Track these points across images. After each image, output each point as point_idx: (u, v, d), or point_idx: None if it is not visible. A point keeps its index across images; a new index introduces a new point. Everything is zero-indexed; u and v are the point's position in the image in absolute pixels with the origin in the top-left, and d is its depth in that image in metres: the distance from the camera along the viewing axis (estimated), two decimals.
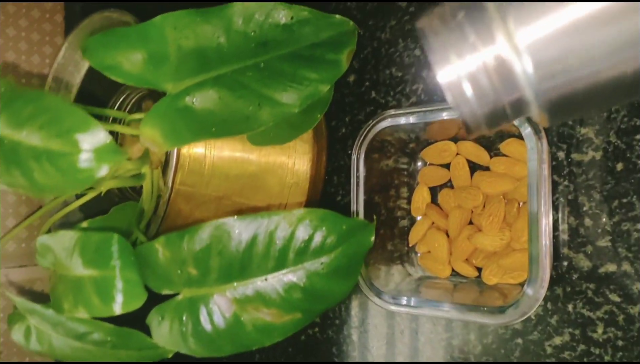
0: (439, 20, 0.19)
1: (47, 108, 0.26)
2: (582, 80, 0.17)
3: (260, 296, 0.32)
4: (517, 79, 0.18)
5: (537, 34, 0.17)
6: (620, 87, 0.17)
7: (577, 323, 0.34)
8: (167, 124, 0.28)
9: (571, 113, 0.19)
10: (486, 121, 0.19)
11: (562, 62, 0.17)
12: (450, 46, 0.18)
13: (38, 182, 0.26)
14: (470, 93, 0.18)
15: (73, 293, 0.33)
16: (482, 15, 0.18)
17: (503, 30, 0.17)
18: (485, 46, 0.18)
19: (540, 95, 0.18)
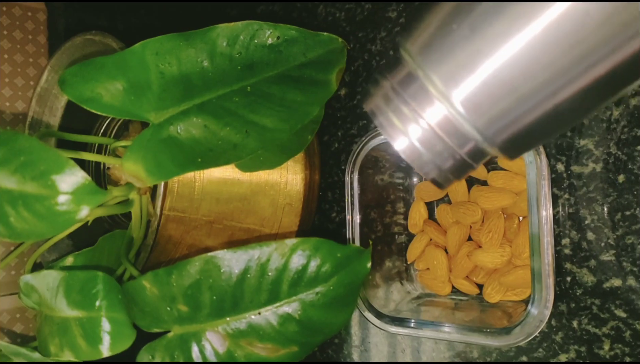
0: (382, 100, 0.20)
1: (22, 149, 0.25)
2: (525, 115, 0.18)
3: (254, 330, 0.31)
4: (463, 132, 0.19)
5: (466, 87, 0.18)
6: (565, 110, 0.18)
7: (583, 340, 0.33)
8: (150, 157, 0.27)
9: (531, 144, 0.20)
10: (452, 174, 0.20)
11: (499, 104, 0.18)
12: (397, 119, 0.20)
13: (15, 227, 0.25)
14: (427, 156, 0.20)
15: (59, 335, 0.32)
16: (416, 84, 0.19)
17: (437, 93, 0.18)
18: (426, 111, 0.19)
19: (492, 139, 0.18)
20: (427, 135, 0.19)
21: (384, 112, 0.20)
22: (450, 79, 0.18)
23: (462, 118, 0.18)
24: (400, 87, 0.20)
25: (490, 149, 0.19)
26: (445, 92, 0.18)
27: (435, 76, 0.18)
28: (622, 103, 0.31)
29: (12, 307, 0.47)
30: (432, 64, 0.18)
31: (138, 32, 0.52)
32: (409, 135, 0.20)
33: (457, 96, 0.18)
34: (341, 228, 0.42)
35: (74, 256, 0.35)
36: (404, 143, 0.20)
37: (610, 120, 0.32)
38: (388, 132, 0.20)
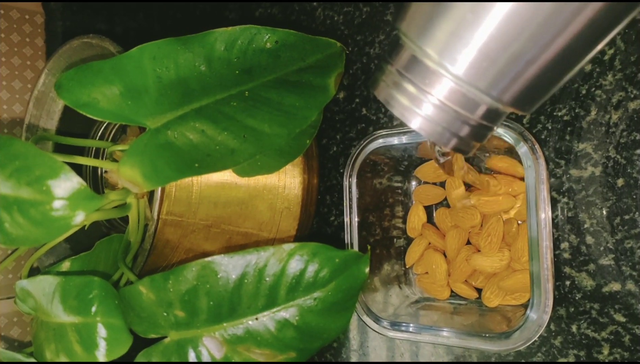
0: (393, 86, 0.21)
1: (17, 154, 0.25)
2: (523, 70, 0.18)
3: (251, 336, 0.30)
4: (471, 97, 0.20)
5: (461, 54, 0.18)
6: (556, 60, 0.18)
7: (582, 344, 0.33)
8: (147, 163, 0.27)
9: (537, 95, 0.20)
10: (473, 138, 0.21)
11: (495, 64, 0.18)
12: (409, 102, 0.21)
13: (10, 233, 0.25)
14: (444, 128, 0.21)
15: (55, 341, 0.32)
16: (418, 64, 0.20)
17: (436, 66, 0.19)
18: (433, 87, 0.20)
19: (499, 97, 0.19)
20: (439, 109, 0.20)
21: (396, 98, 0.21)
22: (445, 49, 0.19)
23: (465, 84, 0.19)
24: (405, 70, 0.21)
25: (502, 107, 0.20)
26: (442, 63, 0.19)
27: (430, 49, 0.19)
28: (621, 107, 0.31)
29: (9, 311, 0.46)
30: (425, 39, 0.19)
31: (136, 36, 0.52)
32: (422, 114, 0.20)
33: (454, 64, 0.19)
34: (340, 231, 0.42)
35: (70, 260, 0.35)
36: (419, 122, 0.21)
37: (609, 124, 0.32)
38: (403, 115, 0.21)
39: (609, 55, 0.31)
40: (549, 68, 0.19)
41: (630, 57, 0.31)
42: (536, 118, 0.34)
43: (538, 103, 0.21)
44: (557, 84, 0.20)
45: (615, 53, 0.31)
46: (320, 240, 0.34)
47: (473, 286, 0.37)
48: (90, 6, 0.54)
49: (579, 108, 0.32)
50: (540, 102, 0.21)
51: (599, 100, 0.32)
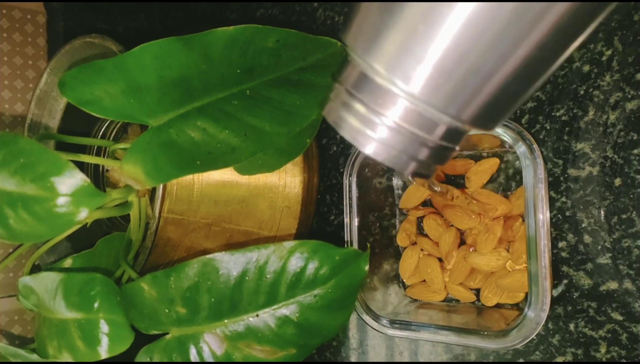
0: (342, 107, 0.19)
1: (21, 151, 0.25)
2: (480, 85, 0.17)
3: (252, 332, 0.31)
4: (427, 117, 0.18)
5: (410, 69, 0.17)
6: (515, 75, 0.17)
7: (580, 343, 0.33)
8: (149, 160, 0.27)
9: (498, 113, 0.19)
10: (433, 161, 0.20)
11: (449, 79, 0.17)
12: (360, 124, 0.19)
13: (14, 229, 0.25)
14: (401, 152, 0.19)
15: (57, 337, 0.32)
16: (367, 82, 0.19)
17: (385, 82, 0.18)
18: (385, 107, 0.18)
19: (457, 115, 0.18)
20: (394, 132, 0.19)
21: (346, 120, 0.19)
22: (395, 65, 0.17)
23: (420, 102, 0.18)
24: (355, 88, 0.19)
25: (462, 126, 0.19)
26: (394, 80, 0.17)
27: (379, 66, 0.18)
28: (619, 107, 0.31)
29: (10, 309, 0.47)
30: (373, 54, 0.18)
31: (138, 35, 0.52)
32: (375, 137, 0.19)
33: (407, 81, 0.17)
34: (340, 231, 0.42)
35: (72, 258, 0.35)
36: (373, 147, 0.19)
37: (607, 124, 0.32)
38: (355, 138, 0.19)
39: (606, 56, 0.32)
40: (511, 81, 0.17)
41: (628, 58, 0.31)
42: (535, 118, 0.34)
43: (502, 120, 0.19)
44: (520, 99, 0.19)
45: (613, 54, 0.32)
46: (321, 239, 0.34)
47: (470, 288, 0.37)
48: (92, 6, 0.54)
49: (577, 108, 0.33)
50: (504, 118, 0.19)
51: (596, 101, 0.32)
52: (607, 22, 0.32)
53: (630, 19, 0.31)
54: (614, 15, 0.31)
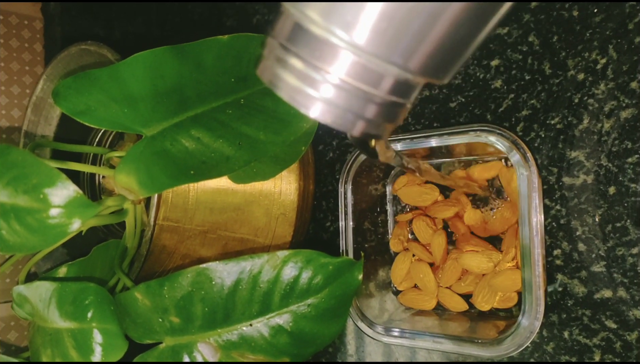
0: (277, 64, 0.17)
1: (14, 163, 0.25)
2: (432, 28, 0.15)
3: (245, 342, 0.31)
4: (372, 68, 0.17)
5: (347, 12, 0.15)
6: (458, 16, 0.15)
7: (574, 351, 0.33)
8: (143, 170, 0.27)
9: (449, 60, 0.17)
10: (383, 118, 0.18)
11: (390, 24, 0.15)
12: (299, 82, 0.17)
13: (7, 240, 0.25)
14: (351, 113, 0.17)
15: (51, 346, 0.32)
16: (302, 33, 0.17)
17: (322, 31, 0.16)
18: (324, 60, 0.17)
19: (408, 66, 0.16)
20: (336, 88, 0.17)
21: (281, 78, 0.17)
22: (332, 11, 0.15)
23: (362, 52, 0.16)
24: (290, 42, 0.17)
25: (412, 77, 0.17)
26: (331, 28, 0.15)
27: (313, 13, 0.16)
28: (613, 116, 0.31)
29: (6, 315, 0.47)
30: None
31: (134, 40, 0.53)
32: (316, 95, 0.17)
33: (345, 28, 0.15)
34: (336, 237, 0.42)
35: (67, 266, 0.35)
36: (315, 108, 0.17)
37: (601, 133, 0.32)
38: (293, 98, 0.17)
39: (601, 65, 0.32)
40: (457, 24, 0.15)
41: (623, 66, 0.31)
42: (529, 126, 0.34)
43: (453, 69, 0.17)
44: (469, 45, 0.17)
45: (608, 62, 0.32)
46: (316, 246, 0.34)
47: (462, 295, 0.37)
48: (89, 12, 0.54)
49: (571, 116, 0.33)
50: (455, 67, 0.17)
51: (591, 109, 0.32)
52: (601, 31, 0.32)
53: (625, 27, 0.31)
54: (608, 24, 0.32)
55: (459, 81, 0.37)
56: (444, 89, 0.37)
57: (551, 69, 0.33)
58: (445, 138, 0.34)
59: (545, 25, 0.33)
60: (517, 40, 0.34)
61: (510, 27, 0.35)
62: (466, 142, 0.34)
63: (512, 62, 0.35)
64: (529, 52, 0.34)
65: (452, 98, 0.37)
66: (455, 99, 0.37)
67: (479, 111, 0.36)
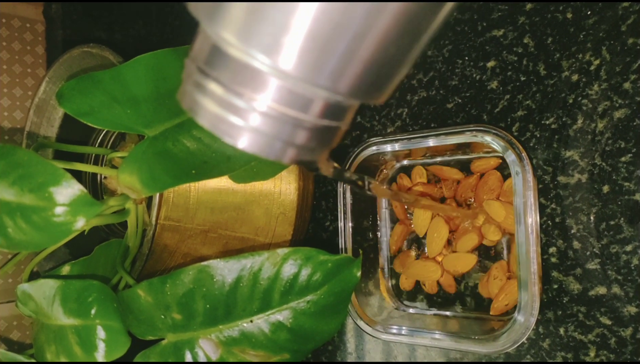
0: (197, 89, 0.16)
1: (20, 162, 0.26)
2: (357, 50, 0.14)
3: (246, 338, 0.31)
4: (302, 94, 0.15)
5: (279, 38, 0.14)
6: (404, 20, 0.14)
7: (570, 347, 0.34)
8: (145, 170, 0.28)
9: (386, 78, 0.16)
10: (317, 143, 0.17)
11: (324, 45, 0.14)
12: (223, 110, 0.16)
13: (13, 238, 0.26)
14: (279, 141, 0.16)
15: (55, 343, 0.33)
16: (226, 59, 0.15)
17: (253, 59, 0.14)
18: (250, 87, 0.15)
19: (337, 88, 0.15)
20: (262, 116, 0.15)
21: (202, 105, 0.16)
22: (248, 32, 0.14)
23: (287, 76, 0.14)
24: (208, 65, 0.16)
25: (342, 99, 0.16)
26: (250, 51, 0.14)
27: (229, 34, 0.14)
28: (607, 116, 0.32)
29: (9, 314, 0.47)
30: (219, 19, 0.14)
31: (135, 43, 0.53)
32: (239, 124, 0.15)
33: (266, 51, 0.14)
34: (335, 236, 0.43)
35: (70, 265, 0.36)
36: (240, 137, 0.16)
37: (595, 132, 0.32)
38: (217, 128, 0.16)
39: (595, 66, 0.32)
40: (385, 42, 0.14)
41: (616, 67, 0.32)
42: (525, 126, 0.35)
43: (387, 89, 0.16)
44: (400, 65, 0.16)
45: (601, 63, 0.32)
46: (316, 245, 0.34)
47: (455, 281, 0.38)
48: (90, 14, 0.55)
49: (566, 116, 0.33)
50: (389, 87, 0.16)
51: (585, 109, 0.33)
52: (595, 33, 0.32)
53: (618, 29, 0.32)
54: (601, 26, 0.32)
55: (456, 82, 0.37)
56: (441, 90, 0.38)
57: (546, 70, 0.34)
58: (442, 139, 0.35)
59: (540, 27, 0.34)
60: (512, 42, 0.35)
61: (505, 29, 0.35)
62: (462, 142, 0.34)
63: (507, 64, 0.35)
64: (524, 54, 0.35)
65: (449, 99, 0.37)
66: (452, 100, 0.37)
67: (475, 111, 0.36)
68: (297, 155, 0.17)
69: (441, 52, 0.38)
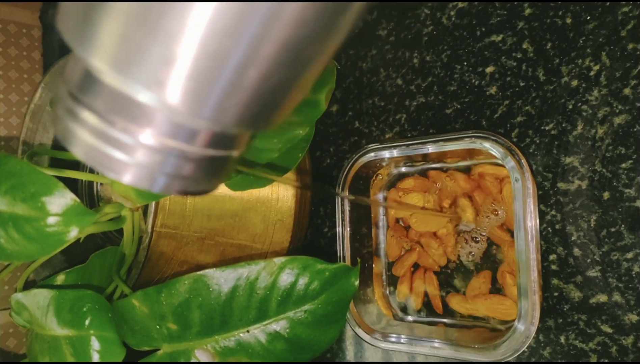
0: (69, 117, 0.14)
1: (12, 172, 0.25)
2: (237, 81, 0.13)
3: (243, 348, 0.31)
4: (183, 125, 0.14)
5: (153, 67, 0.13)
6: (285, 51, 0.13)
7: (570, 355, 0.33)
8: None
9: (272, 107, 0.15)
10: (209, 173, 0.16)
11: (201, 75, 0.13)
12: (99, 140, 0.14)
13: (6, 248, 0.26)
14: (162, 174, 0.15)
15: (49, 353, 0.32)
16: (98, 85, 0.14)
17: (127, 89, 0.13)
18: (126, 117, 0.14)
19: (220, 120, 0.14)
20: (141, 148, 0.14)
21: (74, 133, 0.14)
22: (120, 60, 0.13)
23: (164, 107, 0.13)
24: (81, 91, 0.14)
25: (228, 129, 0.15)
26: (124, 80, 0.13)
27: (99, 61, 0.13)
28: (607, 122, 0.32)
29: (4, 322, 0.47)
30: (87, 44, 0.13)
31: None
32: (118, 157, 0.14)
33: (141, 81, 0.13)
34: (333, 242, 0.43)
35: (65, 273, 0.36)
36: (119, 170, 0.14)
37: (595, 138, 0.32)
38: (93, 160, 0.14)
39: (594, 71, 0.32)
40: (266, 72, 0.13)
41: (616, 73, 0.31)
42: (524, 132, 0.34)
43: (274, 118, 0.15)
44: (287, 93, 0.15)
45: (601, 69, 0.32)
46: (314, 252, 0.34)
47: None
48: None
49: (565, 122, 0.33)
50: (276, 115, 0.15)
51: (585, 115, 0.32)
52: (594, 38, 0.32)
53: (618, 34, 0.31)
54: (601, 31, 0.32)
55: (455, 88, 0.37)
56: (440, 96, 0.37)
57: (545, 76, 0.34)
58: (441, 145, 0.34)
59: (539, 32, 0.34)
60: (511, 47, 0.35)
61: (504, 34, 0.35)
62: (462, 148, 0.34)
63: (506, 69, 0.35)
64: (523, 59, 0.34)
65: (447, 104, 0.37)
66: (451, 106, 0.37)
67: (474, 117, 0.36)
68: (184, 187, 0.16)
69: (440, 57, 0.38)
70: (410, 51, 0.39)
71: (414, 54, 0.39)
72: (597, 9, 0.32)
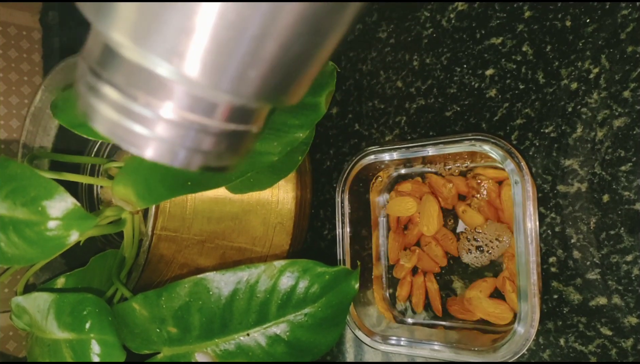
0: (91, 92, 0.15)
1: (13, 176, 0.25)
2: (257, 51, 0.13)
3: (243, 351, 0.31)
4: (203, 98, 0.14)
5: (174, 39, 0.13)
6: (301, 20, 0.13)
7: (570, 358, 0.33)
8: (141, 181, 0.28)
9: (289, 82, 0.15)
10: (225, 148, 0.16)
11: (222, 46, 0.13)
12: (121, 116, 0.14)
13: (6, 252, 0.26)
14: (183, 148, 0.15)
15: (49, 357, 0.32)
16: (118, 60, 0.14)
17: (147, 62, 0.13)
18: (146, 90, 0.14)
19: (240, 91, 0.14)
20: (162, 121, 0.14)
21: (97, 109, 0.15)
22: (140, 32, 0.13)
23: (185, 79, 0.14)
24: (101, 66, 0.14)
25: (248, 102, 0.15)
26: (144, 53, 0.13)
27: (119, 34, 0.13)
28: (606, 124, 0.32)
29: (5, 325, 0.47)
30: (107, 17, 0.13)
31: None
32: (140, 132, 0.14)
33: (161, 53, 0.13)
34: (333, 245, 0.43)
35: (65, 277, 0.36)
36: (140, 144, 0.15)
37: (595, 141, 0.32)
38: (115, 135, 0.15)
39: (594, 74, 0.32)
40: (285, 42, 0.13)
41: (615, 75, 0.32)
42: (524, 134, 0.34)
43: (295, 91, 0.15)
44: (308, 64, 0.15)
45: (601, 72, 0.32)
46: (314, 254, 0.34)
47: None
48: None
49: (565, 125, 0.33)
50: (297, 88, 0.15)
51: (584, 118, 0.32)
52: (594, 41, 0.32)
53: (617, 37, 0.31)
54: (601, 34, 0.32)
55: (454, 90, 0.37)
56: (440, 98, 0.37)
57: (545, 78, 0.34)
58: (440, 147, 0.34)
59: (539, 35, 0.34)
60: (511, 50, 0.35)
61: (504, 37, 0.35)
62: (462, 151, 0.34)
63: (506, 72, 0.35)
64: (523, 62, 0.34)
65: (447, 107, 0.37)
66: (450, 108, 0.37)
67: (474, 120, 0.36)
68: (205, 162, 0.16)
69: (439, 60, 0.38)
70: (410, 54, 0.39)
71: (413, 57, 0.39)
72: (597, 11, 0.32)
